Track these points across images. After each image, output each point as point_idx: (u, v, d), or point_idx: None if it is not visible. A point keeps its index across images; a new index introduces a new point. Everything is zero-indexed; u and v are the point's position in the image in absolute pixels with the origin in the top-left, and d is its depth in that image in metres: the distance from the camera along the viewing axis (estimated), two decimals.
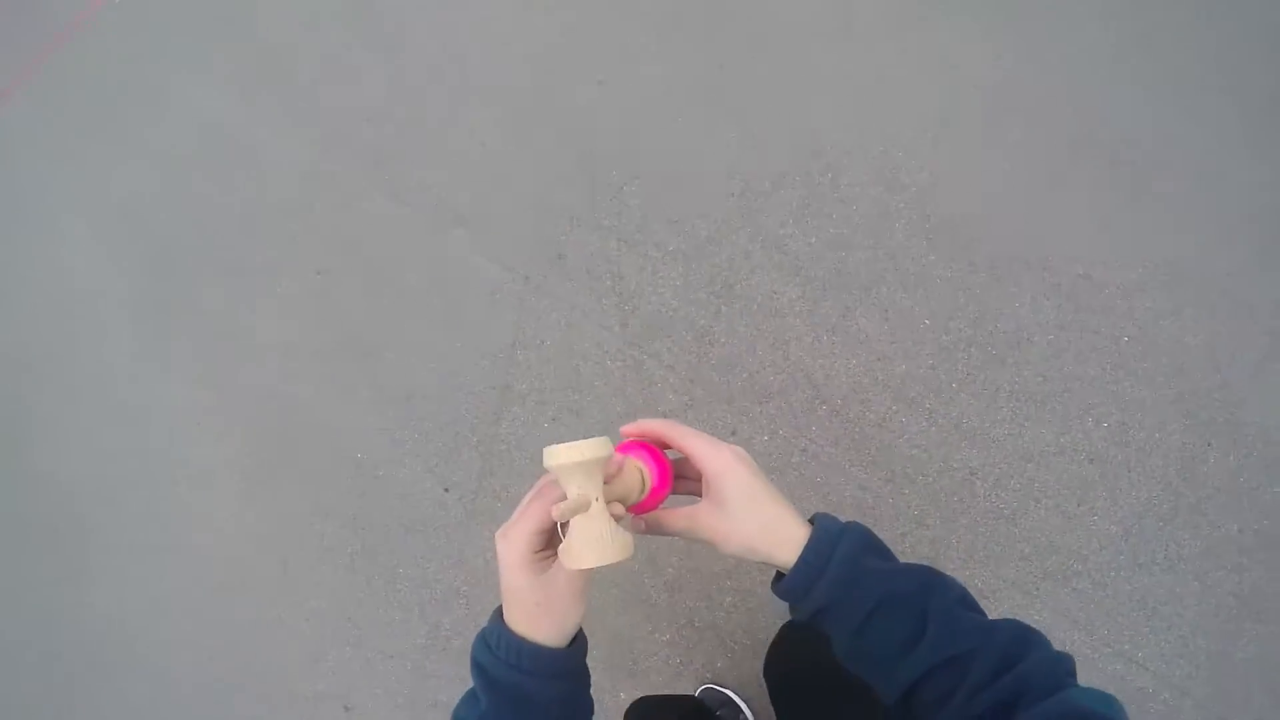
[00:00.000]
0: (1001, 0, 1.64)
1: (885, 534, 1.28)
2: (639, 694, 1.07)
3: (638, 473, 0.49)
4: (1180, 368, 1.41)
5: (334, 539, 1.69)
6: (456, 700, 0.49)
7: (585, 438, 0.41)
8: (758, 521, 0.47)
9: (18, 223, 2.37)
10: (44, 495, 1.99)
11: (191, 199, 2.13)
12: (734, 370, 1.56)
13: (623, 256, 1.69)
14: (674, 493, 0.53)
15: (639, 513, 0.50)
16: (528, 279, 1.74)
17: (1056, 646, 0.44)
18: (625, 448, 0.51)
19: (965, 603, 0.46)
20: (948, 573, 0.48)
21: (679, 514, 0.50)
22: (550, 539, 0.45)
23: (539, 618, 0.44)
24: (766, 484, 0.48)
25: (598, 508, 0.41)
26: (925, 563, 0.49)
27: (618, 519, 0.44)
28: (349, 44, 2.12)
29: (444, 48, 2.03)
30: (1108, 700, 0.38)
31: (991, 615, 0.46)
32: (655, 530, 0.51)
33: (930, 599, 0.44)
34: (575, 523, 0.41)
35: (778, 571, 0.49)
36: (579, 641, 0.48)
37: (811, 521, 0.49)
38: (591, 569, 0.42)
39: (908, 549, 1.41)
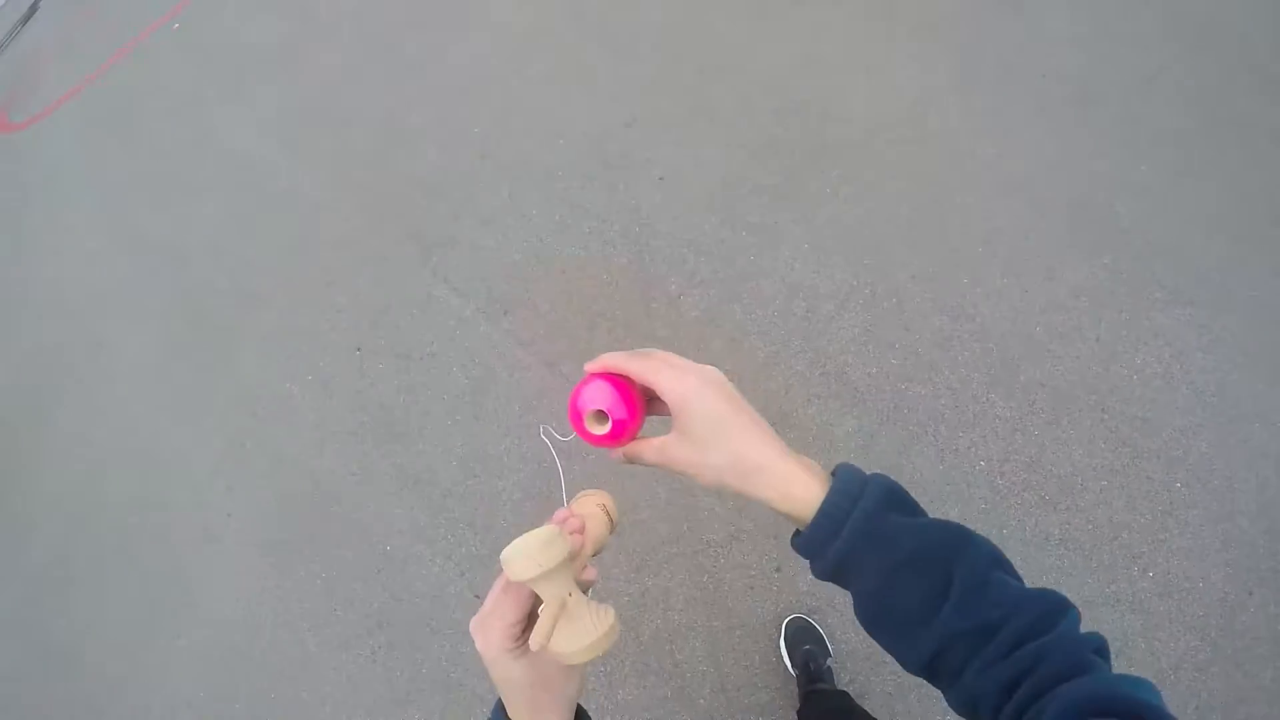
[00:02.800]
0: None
1: (901, 690, 1.23)
2: None
3: (601, 512, 0.47)
4: (1229, 513, 1.42)
5: (357, 628, 1.68)
6: None
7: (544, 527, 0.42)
8: (727, 453, 0.43)
9: (51, 251, 2.27)
10: (58, 534, 1.97)
11: (231, 248, 2.04)
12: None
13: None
14: (655, 415, 0.49)
15: (614, 444, 0.47)
16: (569, 380, 1.71)
17: None
18: (589, 380, 0.47)
19: (998, 564, 0.41)
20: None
21: (652, 445, 0.46)
22: (530, 620, 0.43)
23: (539, 697, 0.43)
24: (737, 410, 0.44)
25: (573, 602, 0.40)
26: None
27: (586, 586, 0.44)
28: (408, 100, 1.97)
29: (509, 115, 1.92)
30: (1137, 683, 0.35)
31: None
32: (635, 461, 0.47)
33: (958, 559, 0.40)
34: (558, 625, 0.40)
35: (796, 529, 0.45)
36: None
37: (833, 473, 0.44)
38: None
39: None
